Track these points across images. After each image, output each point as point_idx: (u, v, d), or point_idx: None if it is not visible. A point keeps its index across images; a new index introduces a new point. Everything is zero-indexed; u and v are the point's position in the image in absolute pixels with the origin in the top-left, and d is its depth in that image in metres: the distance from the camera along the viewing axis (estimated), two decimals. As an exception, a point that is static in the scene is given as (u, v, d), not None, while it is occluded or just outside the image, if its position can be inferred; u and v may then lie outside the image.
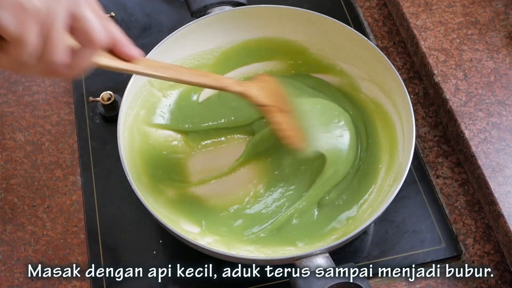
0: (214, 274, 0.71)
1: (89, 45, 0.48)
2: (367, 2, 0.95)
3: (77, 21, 0.46)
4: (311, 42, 0.81)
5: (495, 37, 0.82)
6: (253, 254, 0.67)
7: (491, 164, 0.72)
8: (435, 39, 0.82)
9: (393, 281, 0.71)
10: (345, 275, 0.59)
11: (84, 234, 0.74)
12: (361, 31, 0.87)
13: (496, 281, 0.70)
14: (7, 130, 0.83)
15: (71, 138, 0.82)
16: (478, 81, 0.78)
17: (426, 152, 0.80)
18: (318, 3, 0.94)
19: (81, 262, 0.72)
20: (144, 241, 0.74)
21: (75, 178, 0.79)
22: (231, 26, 0.79)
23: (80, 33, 0.47)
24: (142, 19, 0.94)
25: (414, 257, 0.72)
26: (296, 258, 0.61)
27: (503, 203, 0.69)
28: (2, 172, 0.79)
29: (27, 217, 0.76)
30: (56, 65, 0.46)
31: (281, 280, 0.71)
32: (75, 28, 0.47)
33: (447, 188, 0.77)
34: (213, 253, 0.63)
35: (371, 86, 0.78)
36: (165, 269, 0.72)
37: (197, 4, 0.79)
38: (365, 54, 0.76)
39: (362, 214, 0.70)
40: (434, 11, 0.85)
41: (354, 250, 0.73)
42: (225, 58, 0.81)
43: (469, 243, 0.73)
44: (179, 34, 0.76)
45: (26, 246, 0.74)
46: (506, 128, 0.74)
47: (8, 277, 0.72)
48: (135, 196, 0.64)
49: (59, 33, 0.45)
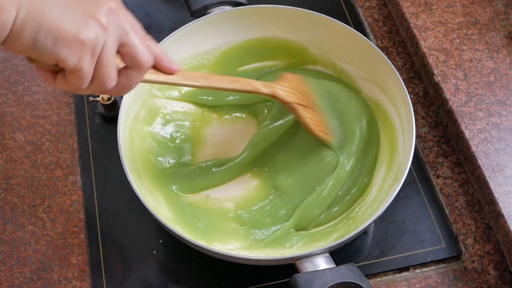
0: (214, 274, 0.71)
1: (137, 68, 0.53)
2: (367, 2, 0.95)
3: (125, 46, 0.51)
4: (311, 42, 0.81)
5: (495, 37, 0.82)
6: (253, 254, 0.67)
7: (491, 164, 0.72)
8: (435, 39, 0.82)
9: (393, 281, 0.71)
10: (345, 275, 0.59)
11: (84, 234, 0.74)
12: (361, 31, 0.86)
13: (496, 281, 0.70)
14: (7, 130, 0.83)
15: (71, 138, 0.82)
16: (478, 81, 0.78)
17: (426, 152, 0.80)
18: (318, 3, 0.94)
19: (81, 262, 0.73)
20: (144, 241, 0.74)
21: (75, 178, 0.79)
22: (231, 26, 0.79)
23: (128, 58, 0.52)
24: (142, 19, 0.93)
25: (414, 257, 0.72)
26: (296, 258, 0.61)
27: (503, 203, 0.69)
28: (2, 172, 0.79)
29: (27, 217, 0.76)
30: (107, 87, 0.52)
31: (281, 280, 0.71)
32: (123, 53, 0.52)
33: (447, 188, 0.77)
34: (213, 253, 0.63)
35: (371, 86, 0.78)
36: (165, 269, 0.72)
37: (197, 4, 0.79)
38: (365, 54, 0.76)
39: (362, 214, 0.70)
40: (434, 11, 0.85)
41: (354, 250, 0.73)
42: (225, 58, 0.81)
43: (469, 243, 0.73)
44: (179, 34, 0.77)
45: (26, 246, 0.74)
46: (506, 128, 0.74)
47: (8, 277, 0.72)
48: (135, 196, 0.64)
49: (110, 61, 0.50)
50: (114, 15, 0.50)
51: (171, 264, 0.72)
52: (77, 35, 0.47)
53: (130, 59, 0.52)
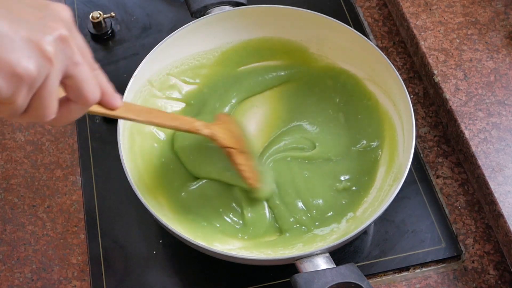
0: (214, 274, 0.71)
1: (81, 103, 0.47)
2: (367, 2, 0.95)
3: (72, 79, 0.45)
4: (311, 42, 0.81)
5: (495, 37, 0.82)
6: (253, 254, 0.67)
7: (491, 164, 0.72)
8: (435, 39, 0.82)
9: (393, 281, 0.71)
10: (345, 275, 0.59)
11: (84, 234, 0.74)
12: (361, 31, 0.87)
13: (496, 281, 0.70)
14: (7, 130, 0.83)
15: (71, 138, 0.82)
16: (478, 81, 0.78)
17: (426, 152, 0.80)
18: (318, 3, 0.94)
19: (81, 262, 0.73)
20: (144, 241, 0.74)
21: (75, 178, 0.79)
22: (231, 26, 0.79)
23: (73, 92, 0.46)
24: (142, 19, 0.94)
25: (414, 257, 0.72)
26: (296, 258, 0.61)
27: (503, 203, 0.69)
28: (2, 172, 0.80)
29: (27, 217, 0.76)
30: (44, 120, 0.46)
31: (281, 280, 0.71)
32: (68, 85, 0.46)
33: (447, 188, 0.77)
34: (213, 253, 0.63)
35: (371, 86, 0.78)
36: (165, 269, 0.72)
37: (197, 4, 0.79)
38: (365, 54, 0.76)
39: (362, 214, 0.70)
40: (434, 11, 0.85)
41: (354, 250, 0.73)
42: (225, 58, 0.81)
43: (469, 243, 0.73)
44: (179, 34, 0.76)
45: (26, 246, 0.74)
46: (506, 128, 0.74)
47: (8, 277, 0.72)
48: (135, 196, 0.64)
49: (51, 95, 0.44)
50: (63, 43, 0.43)
51: (171, 264, 0.72)
52: (14, 67, 0.40)
53: (75, 93, 0.46)
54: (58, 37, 0.43)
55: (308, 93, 0.80)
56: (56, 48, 0.43)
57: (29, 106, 0.44)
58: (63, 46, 0.43)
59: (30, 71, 0.41)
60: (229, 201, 0.72)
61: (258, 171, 0.71)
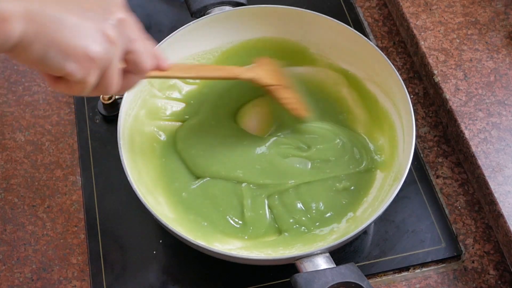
0: (214, 274, 0.71)
1: (139, 73, 0.54)
2: (367, 2, 0.95)
3: (130, 54, 0.52)
4: (311, 42, 0.81)
5: (495, 37, 0.82)
6: (253, 254, 0.67)
7: (491, 164, 0.72)
8: (435, 39, 0.82)
9: (393, 281, 0.71)
10: (345, 275, 0.59)
11: (84, 234, 0.74)
12: (361, 31, 0.87)
13: (496, 281, 0.70)
14: (7, 130, 0.83)
15: (71, 138, 0.82)
16: (478, 81, 0.78)
17: (426, 152, 0.80)
18: (318, 3, 0.94)
19: (81, 262, 0.73)
20: (144, 241, 0.74)
21: (75, 178, 0.79)
22: (231, 26, 0.79)
23: (132, 64, 0.53)
24: (142, 19, 0.93)
25: (414, 257, 0.72)
26: (296, 258, 0.61)
27: (503, 203, 0.69)
28: (2, 172, 0.79)
29: (27, 217, 0.76)
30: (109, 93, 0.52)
31: (281, 280, 0.71)
32: (127, 59, 0.52)
33: (447, 188, 0.77)
34: (213, 253, 0.63)
35: (371, 86, 0.78)
36: (165, 269, 0.72)
37: (197, 4, 0.79)
38: (365, 54, 0.76)
39: (362, 214, 0.70)
40: (434, 11, 0.85)
41: (354, 250, 0.73)
42: (225, 58, 0.81)
43: (469, 243, 0.73)
44: (179, 34, 0.77)
45: (26, 246, 0.74)
46: (506, 128, 0.74)
47: (8, 277, 0.72)
48: (135, 196, 0.64)
49: (116, 72, 0.50)
50: (122, 25, 0.50)
51: (171, 264, 0.72)
52: (86, 52, 0.47)
53: (134, 65, 0.53)
54: (118, 21, 0.49)
55: (308, 93, 0.80)
56: (117, 31, 0.49)
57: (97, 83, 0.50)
58: (122, 28, 0.49)
59: (99, 54, 0.47)
60: (230, 200, 0.72)
61: (304, 101, 0.76)
